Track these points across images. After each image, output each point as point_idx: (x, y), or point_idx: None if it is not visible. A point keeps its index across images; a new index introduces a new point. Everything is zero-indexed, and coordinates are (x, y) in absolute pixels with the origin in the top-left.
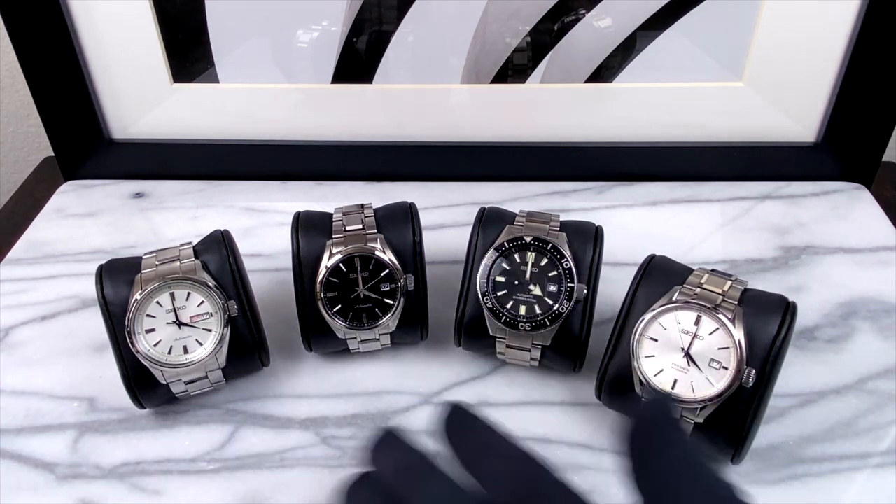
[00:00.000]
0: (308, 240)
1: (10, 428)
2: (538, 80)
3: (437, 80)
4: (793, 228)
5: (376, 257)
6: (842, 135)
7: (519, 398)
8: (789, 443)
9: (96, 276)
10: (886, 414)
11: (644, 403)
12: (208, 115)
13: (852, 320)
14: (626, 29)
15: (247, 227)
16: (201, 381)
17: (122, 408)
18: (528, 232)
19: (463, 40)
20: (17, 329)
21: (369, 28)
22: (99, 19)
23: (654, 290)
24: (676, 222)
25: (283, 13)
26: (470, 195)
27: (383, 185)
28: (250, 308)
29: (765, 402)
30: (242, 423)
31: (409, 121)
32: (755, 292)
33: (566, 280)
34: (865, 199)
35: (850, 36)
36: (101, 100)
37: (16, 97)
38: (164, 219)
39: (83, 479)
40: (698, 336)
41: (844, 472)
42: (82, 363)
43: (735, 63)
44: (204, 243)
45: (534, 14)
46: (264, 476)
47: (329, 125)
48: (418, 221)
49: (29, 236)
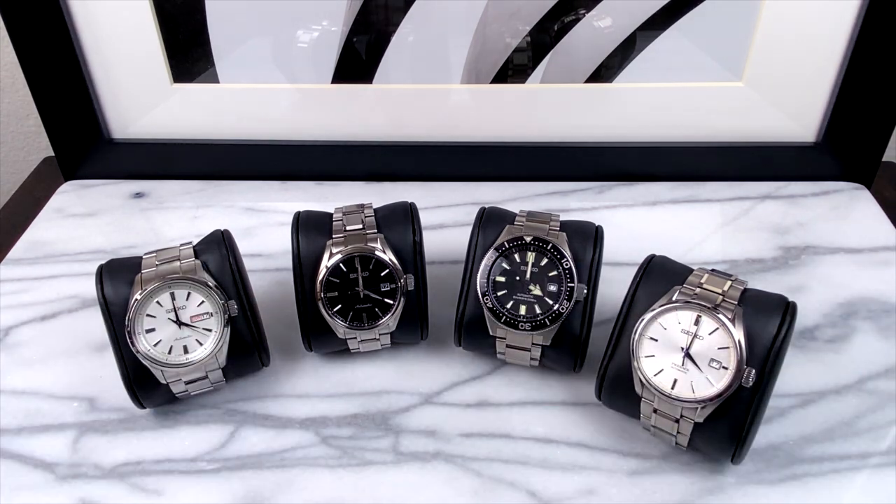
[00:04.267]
0: (308, 240)
1: (10, 428)
2: (538, 80)
3: (437, 80)
4: (793, 228)
5: (376, 257)
6: (842, 135)
7: (519, 398)
8: (789, 443)
9: (96, 276)
10: (886, 414)
11: None
12: (208, 115)
13: (852, 320)
14: (626, 29)
15: (247, 227)
16: (201, 381)
17: (122, 408)
18: (528, 232)
19: (463, 40)
20: (17, 329)
21: (369, 28)
22: (99, 19)
23: (654, 290)
24: (676, 222)
25: (283, 13)
26: (470, 195)
27: (383, 185)
28: (250, 308)
29: (765, 402)
30: (242, 423)
31: (409, 121)
32: (755, 292)
33: (566, 280)
34: (865, 199)
35: (850, 36)
36: (101, 100)
37: (16, 97)
38: (164, 219)
39: (83, 479)
40: (698, 336)
41: (844, 472)
42: (82, 363)
43: (735, 63)
44: (204, 243)
45: (534, 14)
46: (264, 476)
47: (329, 125)
48: (418, 221)
49: (29, 236)
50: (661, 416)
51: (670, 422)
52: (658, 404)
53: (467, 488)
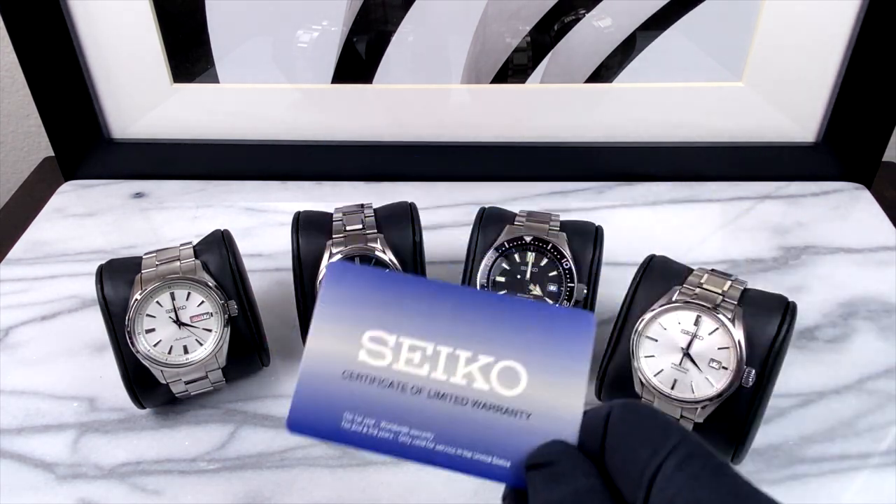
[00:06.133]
0: (308, 240)
1: (10, 428)
2: (538, 80)
3: (437, 80)
4: (793, 228)
5: (376, 257)
6: (842, 135)
7: None
8: (789, 443)
9: (96, 276)
10: (886, 414)
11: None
12: (208, 115)
13: (852, 320)
14: (626, 29)
15: (247, 227)
16: (201, 381)
17: (122, 408)
18: (528, 232)
19: (463, 40)
20: (17, 329)
21: (369, 28)
22: (99, 19)
23: (654, 290)
24: (676, 222)
25: (283, 13)
26: (470, 195)
27: (383, 185)
28: (250, 308)
29: (765, 402)
30: (242, 423)
31: (409, 121)
32: (755, 292)
33: (566, 280)
34: (865, 199)
35: (850, 36)
36: (101, 100)
37: (16, 97)
38: (164, 219)
39: (83, 479)
40: (698, 336)
41: (844, 472)
42: (82, 363)
43: (735, 63)
44: (204, 243)
45: (534, 14)
46: (264, 476)
47: (329, 125)
48: (418, 221)
49: (29, 236)
50: None
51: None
52: (658, 404)
53: (467, 489)
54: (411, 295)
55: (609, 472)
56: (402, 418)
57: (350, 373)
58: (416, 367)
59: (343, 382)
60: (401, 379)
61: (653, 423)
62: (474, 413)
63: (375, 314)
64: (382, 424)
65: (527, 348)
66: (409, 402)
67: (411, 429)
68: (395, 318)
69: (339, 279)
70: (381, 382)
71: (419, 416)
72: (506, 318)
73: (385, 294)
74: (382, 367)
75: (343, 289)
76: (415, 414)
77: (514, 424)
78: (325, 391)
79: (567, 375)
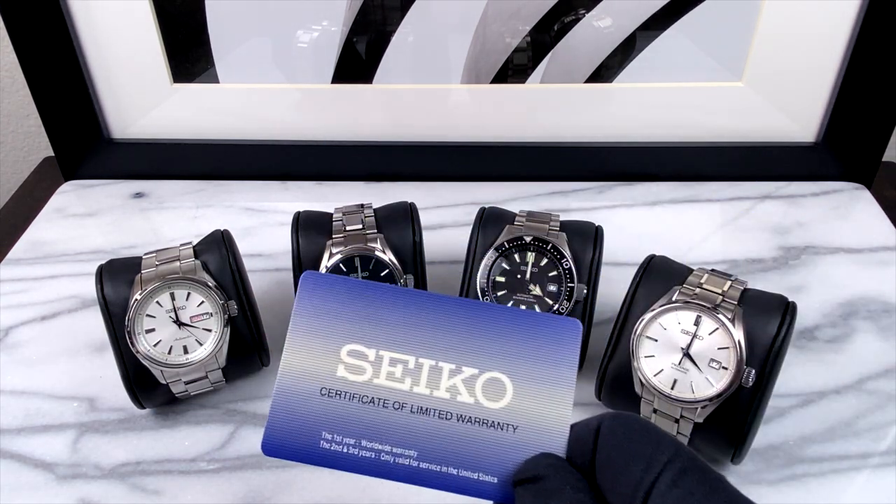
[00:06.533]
0: (308, 240)
1: (10, 428)
2: (538, 80)
3: (437, 80)
4: (793, 228)
5: (376, 257)
6: (842, 135)
7: None
8: (789, 443)
9: (96, 276)
10: (886, 414)
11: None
12: (208, 115)
13: (852, 320)
14: (626, 29)
15: (247, 227)
16: (201, 381)
17: (122, 408)
18: (528, 232)
19: (463, 40)
20: (17, 329)
21: (369, 28)
22: (99, 19)
23: (654, 290)
24: (676, 222)
25: (283, 13)
26: (470, 195)
27: (383, 185)
28: (250, 308)
29: (765, 402)
30: (242, 423)
31: (409, 121)
32: (755, 292)
33: (566, 280)
34: (865, 199)
35: (850, 36)
36: (101, 100)
37: (16, 97)
38: (164, 219)
39: (83, 479)
40: (698, 336)
41: (844, 472)
42: (82, 363)
43: (735, 63)
44: (204, 243)
45: (534, 14)
46: (264, 476)
47: (329, 125)
48: (418, 221)
49: (29, 236)
50: (661, 417)
51: (670, 422)
52: (658, 404)
53: None
54: (391, 305)
55: (600, 486)
56: (384, 436)
57: (328, 390)
58: (397, 381)
59: (321, 400)
60: (382, 394)
61: (645, 438)
62: (459, 428)
63: (354, 327)
64: (363, 443)
65: (512, 358)
66: (390, 418)
67: (393, 447)
68: (374, 330)
69: (314, 290)
70: (362, 399)
71: (401, 434)
72: (490, 327)
73: (363, 305)
74: (362, 383)
75: (318, 300)
76: (397, 431)
77: (500, 438)
78: (302, 411)
79: (554, 385)
